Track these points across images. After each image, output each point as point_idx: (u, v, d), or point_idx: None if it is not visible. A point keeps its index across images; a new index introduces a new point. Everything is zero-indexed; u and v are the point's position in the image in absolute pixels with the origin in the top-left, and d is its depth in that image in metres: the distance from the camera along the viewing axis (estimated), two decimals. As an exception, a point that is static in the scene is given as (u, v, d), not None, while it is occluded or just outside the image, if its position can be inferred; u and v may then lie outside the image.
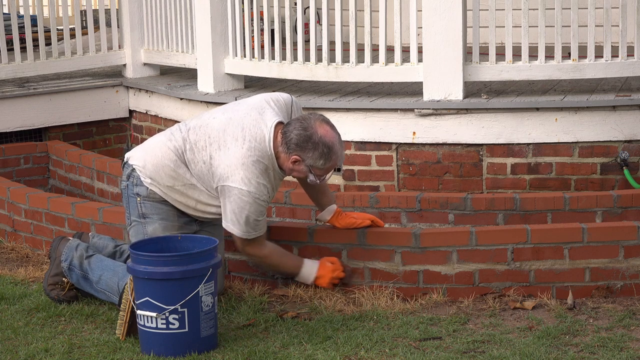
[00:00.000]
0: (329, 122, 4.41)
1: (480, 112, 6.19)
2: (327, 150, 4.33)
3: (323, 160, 4.34)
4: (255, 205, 4.33)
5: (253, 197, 4.31)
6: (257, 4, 6.92)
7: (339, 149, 4.38)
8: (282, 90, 7.06)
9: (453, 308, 4.55)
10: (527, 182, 6.18)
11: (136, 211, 4.54)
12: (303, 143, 4.32)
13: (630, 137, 6.06)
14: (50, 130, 7.74)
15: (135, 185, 4.54)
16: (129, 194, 4.56)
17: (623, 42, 6.15)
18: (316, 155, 4.32)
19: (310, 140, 4.31)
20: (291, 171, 4.44)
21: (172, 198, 4.52)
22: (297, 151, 4.33)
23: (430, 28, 6.21)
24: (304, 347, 4.11)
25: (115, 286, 4.50)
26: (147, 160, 4.53)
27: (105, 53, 8.29)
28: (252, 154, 4.32)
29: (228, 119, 4.44)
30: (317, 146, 4.31)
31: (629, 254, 4.58)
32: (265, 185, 4.34)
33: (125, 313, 4.23)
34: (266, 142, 4.36)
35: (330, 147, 4.33)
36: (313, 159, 4.34)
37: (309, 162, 4.35)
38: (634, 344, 4.06)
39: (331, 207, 4.80)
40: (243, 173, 4.30)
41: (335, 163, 4.40)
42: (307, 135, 4.31)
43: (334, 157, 4.36)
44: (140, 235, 4.52)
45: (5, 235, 5.97)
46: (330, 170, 4.44)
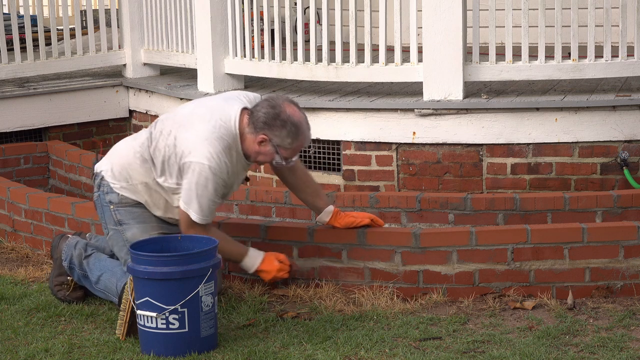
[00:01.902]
0: (296, 103, 4.40)
1: (480, 112, 6.19)
2: (295, 129, 4.29)
3: (290, 138, 4.30)
4: (213, 183, 4.27)
5: (213, 173, 4.25)
6: (257, 4, 6.92)
7: (306, 128, 4.35)
8: (282, 91, 7.08)
9: (453, 308, 4.54)
10: (527, 182, 6.19)
11: (111, 219, 4.52)
12: (271, 121, 4.28)
13: (630, 137, 6.06)
14: (50, 130, 7.75)
15: (106, 194, 4.53)
16: (102, 204, 4.55)
17: (623, 42, 6.15)
18: (284, 133, 4.28)
19: (279, 117, 4.28)
20: (257, 154, 4.36)
21: (143, 199, 4.49)
22: (264, 129, 4.29)
23: (430, 28, 6.21)
24: (304, 347, 4.11)
25: (113, 287, 4.50)
26: (113, 163, 4.54)
27: (105, 53, 8.29)
28: (216, 130, 4.30)
29: (195, 106, 4.48)
30: (285, 124, 4.28)
31: (629, 254, 4.57)
32: (227, 163, 4.29)
33: (125, 313, 4.23)
34: (232, 122, 4.33)
35: (297, 125, 4.30)
36: (281, 138, 4.29)
37: (276, 141, 4.30)
38: (634, 344, 4.06)
39: (328, 208, 4.77)
40: (205, 148, 4.26)
41: (302, 143, 4.35)
42: (275, 113, 4.29)
43: (301, 137, 4.32)
44: (121, 242, 4.50)
45: (5, 235, 5.97)
46: (297, 151, 4.39)
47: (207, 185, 4.28)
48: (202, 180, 4.27)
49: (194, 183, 4.28)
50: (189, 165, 4.29)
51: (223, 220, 5.03)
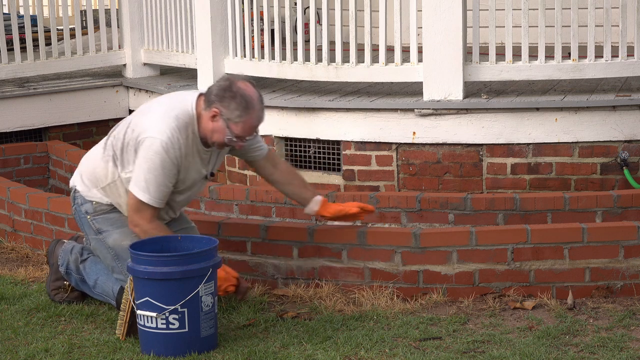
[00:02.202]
0: (252, 82, 4.35)
1: (480, 112, 6.19)
2: (245, 102, 4.22)
3: (239, 111, 4.22)
4: (162, 159, 4.20)
5: (163, 148, 4.19)
6: (257, 4, 6.92)
7: (257, 104, 4.26)
8: (282, 90, 7.08)
9: (453, 308, 4.54)
10: (527, 182, 6.19)
11: (91, 229, 4.51)
12: (221, 92, 4.24)
13: (630, 137, 6.06)
14: (50, 130, 7.75)
15: (80, 205, 4.52)
16: (79, 216, 4.54)
17: (623, 42, 6.15)
18: (233, 105, 4.22)
19: (230, 89, 4.24)
20: (212, 133, 4.29)
21: (115, 201, 4.47)
22: (216, 102, 4.24)
23: (430, 28, 6.21)
24: (304, 347, 4.11)
25: (110, 290, 4.51)
26: (82, 172, 4.54)
27: (105, 53, 8.29)
28: (172, 110, 4.28)
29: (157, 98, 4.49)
30: (235, 96, 4.22)
31: (629, 254, 4.57)
32: (179, 140, 4.23)
33: (125, 313, 4.23)
34: (188, 103, 4.31)
35: (248, 99, 4.23)
36: (230, 110, 4.22)
37: (226, 115, 4.23)
38: (634, 344, 4.06)
39: (317, 197, 4.73)
40: (160, 125, 4.23)
41: (252, 120, 4.26)
42: (226, 85, 4.26)
43: (251, 111, 4.24)
44: (104, 250, 4.49)
45: (5, 235, 5.97)
46: (249, 129, 4.28)
47: (155, 161, 4.21)
48: (151, 155, 4.21)
49: (143, 158, 4.23)
50: (142, 142, 4.24)
51: (223, 220, 5.04)
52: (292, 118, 6.62)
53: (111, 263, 4.48)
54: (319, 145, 6.64)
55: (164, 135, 4.21)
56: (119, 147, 4.37)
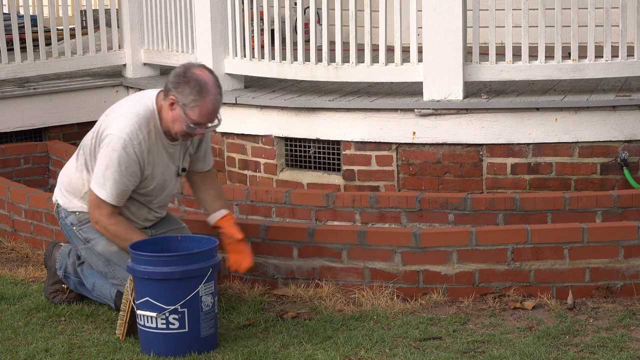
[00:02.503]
0: (209, 69, 4.34)
1: (480, 112, 6.19)
2: (199, 87, 4.20)
3: (193, 96, 4.20)
4: (120, 155, 4.20)
5: (122, 144, 4.20)
6: (257, 4, 6.92)
7: (212, 88, 4.23)
8: (282, 90, 7.08)
9: (453, 308, 4.55)
10: (527, 182, 6.18)
11: (79, 240, 4.51)
12: (176, 78, 4.25)
13: (630, 137, 6.06)
14: (50, 130, 7.74)
15: (65, 218, 4.53)
16: (66, 229, 4.55)
17: (623, 42, 6.15)
18: (187, 90, 4.20)
19: (184, 75, 4.24)
20: (173, 123, 4.27)
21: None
22: (172, 90, 4.24)
23: (430, 28, 6.21)
24: (304, 347, 4.11)
25: (107, 293, 4.51)
26: (61, 184, 4.56)
27: (105, 53, 8.29)
28: (132, 108, 4.30)
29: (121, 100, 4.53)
30: (188, 81, 4.21)
31: (629, 254, 4.57)
32: (138, 135, 4.23)
33: (125, 313, 4.23)
34: (149, 100, 4.33)
35: (202, 84, 4.21)
36: (184, 96, 4.21)
37: (182, 101, 4.22)
38: (634, 344, 4.06)
39: (222, 210, 4.60)
40: (120, 122, 4.25)
41: (207, 104, 4.22)
42: (180, 71, 4.27)
43: (205, 95, 4.21)
44: (95, 258, 4.48)
45: (5, 235, 5.97)
46: (206, 115, 4.23)
47: (113, 157, 4.22)
48: (109, 152, 4.22)
49: (102, 156, 4.25)
50: (102, 140, 4.27)
51: (223, 220, 5.03)
52: (292, 118, 6.62)
53: (104, 269, 4.47)
54: (319, 145, 6.64)
55: (123, 132, 4.22)
56: (88, 153, 4.40)
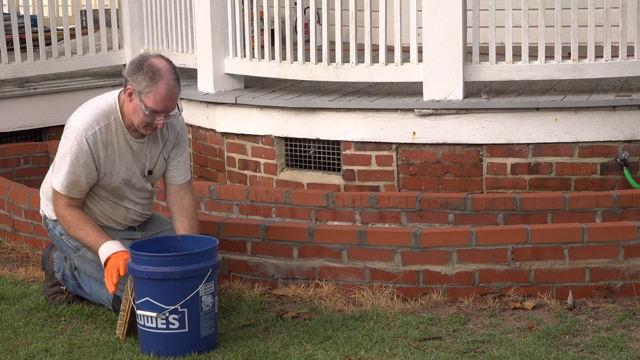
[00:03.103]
0: (168, 59, 4.31)
1: (480, 112, 6.19)
2: (152, 73, 4.18)
3: (146, 82, 4.17)
4: (74, 146, 4.22)
5: (77, 135, 4.22)
6: (257, 4, 6.92)
7: (166, 74, 4.19)
8: (282, 90, 7.08)
9: (453, 308, 4.55)
10: (527, 182, 6.18)
11: (69, 249, 4.51)
12: (132, 67, 4.25)
13: (630, 137, 6.06)
14: (50, 130, 7.75)
15: (54, 228, 4.54)
16: (56, 239, 4.56)
17: (623, 42, 6.15)
18: (141, 77, 4.18)
19: (139, 63, 4.23)
20: (134, 115, 4.25)
21: None
22: (128, 80, 4.24)
23: (430, 28, 6.21)
24: (304, 347, 4.11)
25: (105, 297, 4.50)
26: (44, 197, 4.57)
27: (105, 53, 8.29)
28: (94, 102, 4.35)
29: None
30: (142, 68, 4.20)
31: (629, 254, 4.58)
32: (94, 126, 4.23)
33: (125, 313, 4.23)
34: (111, 96, 4.35)
35: (155, 69, 4.18)
36: (138, 83, 4.19)
37: (137, 88, 4.20)
38: (634, 344, 4.06)
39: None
40: (80, 115, 4.30)
41: (161, 90, 4.17)
42: (136, 60, 4.27)
43: (159, 80, 4.17)
44: (87, 264, 4.48)
45: (5, 235, 5.97)
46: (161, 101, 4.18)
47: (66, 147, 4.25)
48: (65, 142, 4.27)
49: (60, 147, 4.30)
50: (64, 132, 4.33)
51: (223, 220, 5.04)
52: (292, 118, 6.62)
53: (97, 275, 4.46)
54: (319, 145, 6.64)
55: (79, 124, 4.26)
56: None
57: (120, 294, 4.30)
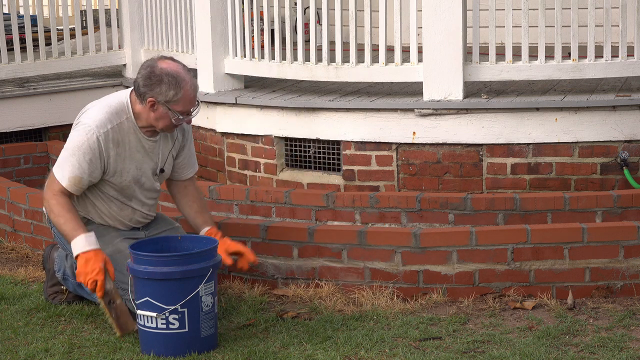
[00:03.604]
0: (171, 57, 4.34)
1: (480, 112, 6.19)
2: (173, 80, 4.20)
3: (173, 90, 4.20)
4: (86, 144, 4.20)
5: (87, 131, 4.20)
6: (257, 4, 6.92)
7: (186, 75, 4.24)
8: (282, 90, 7.08)
9: (453, 308, 4.55)
10: (527, 182, 6.19)
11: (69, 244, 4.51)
12: (147, 81, 4.23)
13: (630, 137, 6.06)
14: (50, 130, 7.75)
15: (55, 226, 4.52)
16: (58, 236, 4.54)
17: (623, 42, 6.15)
18: (164, 88, 4.20)
19: (153, 74, 4.22)
20: (157, 121, 4.28)
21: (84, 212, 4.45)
22: (147, 93, 4.23)
23: (430, 28, 6.21)
24: (304, 347, 4.11)
25: None
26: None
27: (105, 53, 8.29)
28: (106, 100, 4.33)
29: None
30: (161, 79, 4.20)
31: (629, 254, 4.58)
32: (106, 124, 4.23)
33: (107, 313, 4.21)
34: (122, 95, 4.33)
35: (174, 75, 4.21)
36: (164, 93, 4.21)
37: (162, 99, 4.21)
38: (634, 344, 4.06)
39: (205, 228, 4.56)
40: (92, 112, 4.27)
41: (188, 91, 4.23)
42: (148, 72, 4.24)
43: (183, 84, 4.21)
44: None
45: (5, 235, 5.97)
46: (190, 102, 4.26)
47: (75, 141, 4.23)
48: (75, 136, 4.25)
49: (69, 140, 4.27)
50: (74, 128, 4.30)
51: (223, 220, 5.04)
52: (292, 118, 6.62)
53: None
54: (319, 145, 6.64)
55: (91, 120, 4.24)
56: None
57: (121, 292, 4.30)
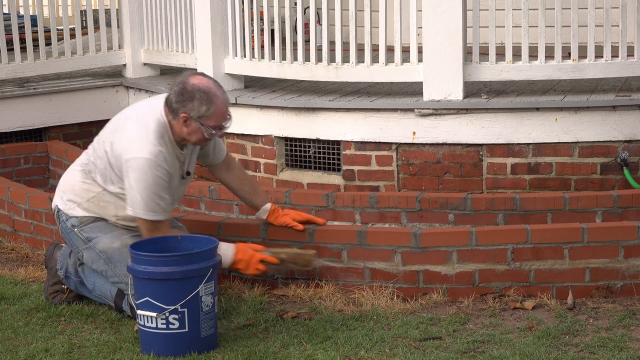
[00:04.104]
0: (202, 73, 4.42)
1: (480, 112, 6.19)
2: (205, 95, 4.26)
3: (205, 106, 4.26)
4: (154, 175, 4.23)
5: (150, 165, 4.22)
6: (257, 4, 6.92)
7: (217, 91, 4.30)
8: (282, 90, 7.08)
9: (453, 308, 4.55)
10: (527, 182, 6.19)
11: (80, 240, 4.52)
12: (180, 97, 4.27)
13: (630, 137, 6.06)
14: (50, 130, 7.75)
15: (66, 221, 4.55)
16: (66, 231, 4.56)
17: (623, 42, 6.15)
18: (196, 103, 4.25)
19: (185, 91, 4.27)
20: (190, 135, 4.32)
21: (101, 214, 4.49)
22: (180, 109, 4.27)
23: (430, 28, 6.21)
24: (304, 347, 4.11)
25: (108, 292, 4.52)
26: (62, 192, 4.58)
27: (105, 53, 8.29)
28: (146, 124, 4.31)
29: (124, 110, 4.53)
30: (193, 94, 4.26)
31: (629, 254, 4.57)
32: (162, 151, 4.26)
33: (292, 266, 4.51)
34: (158, 113, 4.34)
35: (206, 91, 4.27)
36: (196, 109, 4.26)
37: (195, 114, 4.26)
38: (634, 344, 4.06)
39: (266, 206, 4.78)
40: (139, 143, 4.26)
41: (220, 107, 4.29)
42: (180, 88, 4.29)
43: (215, 100, 4.27)
44: (96, 257, 4.49)
45: (5, 235, 5.97)
46: (222, 116, 4.32)
47: (148, 179, 4.24)
48: (141, 175, 4.23)
49: (135, 180, 4.25)
50: (127, 164, 4.27)
51: (223, 220, 5.04)
52: (292, 118, 6.62)
53: (104, 267, 4.48)
54: (319, 145, 6.64)
55: (147, 153, 4.23)
56: (100, 167, 4.42)
57: (124, 287, 4.33)
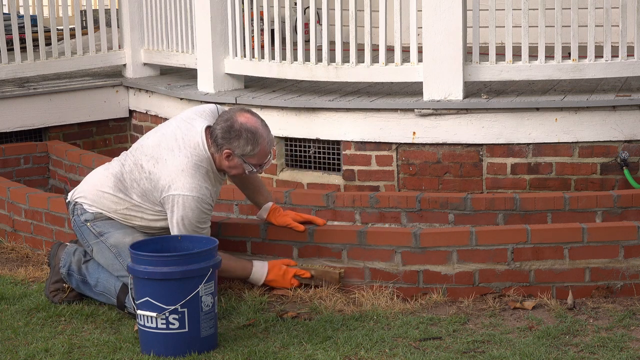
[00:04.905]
0: (249, 110, 4.49)
1: (480, 112, 6.19)
2: (252, 135, 4.37)
3: (250, 145, 4.38)
4: (198, 211, 4.35)
5: (196, 202, 4.33)
6: (257, 4, 6.92)
7: (263, 131, 4.41)
8: (282, 90, 7.08)
9: (453, 308, 4.55)
10: (527, 182, 6.19)
11: (91, 235, 4.55)
12: (226, 134, 4.37)
13: (630, 137, 6.06)
14: (50, 130, 7.75)
15: (80, 215, 4.57)
16: (79, 225, 4.59)
17: (623, 42, 6.15)
18: (242, 142, 4.36)
19: (233, 129, 4.36)
20: (230, 169, 4.46)
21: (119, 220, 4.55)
22: (224, 145, 4.38)
23: (430, 28, 6.21)
24: (304, 347, 4.11)
25: (112, 288, 4.53)
26: (87, 191, 4.60)
27: (105, 53, 8.29)
28: (189, 160, 4.37)
29: (161, 135, 4.52)
30: (240, 134, 4.36)
31: (629, 254, 4.57)
32: (208, 188, 4.38)
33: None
34: (201, 146, 4.42)
35: (253, 131, 4.37)
36: (241, 148, 4.37)
37: (239, 152, 4.39)
38: (634, 344, 4.06)
39: (267, 205, 4.85)
40: (184, 180, 4.34)
41: (265, 147, 4.41)
42: (228, 125, 4.37)
43: (261, 141, 4.39)
44: (106, 251, 4.52)
45: (5, 235, 5.97)
46: (265, 155, 4.45)
47: (196, 215, 4.35)
48: (189, 212, 4.34)
49: (181, 217, 4.35)
50: (172, 199, 4.35)
51: (223, 220, 5.04)
52: (292, 118, 6.62)
53: (113, 262, 4.50)
54: (319, 145, 6.64)
55: (194, 192, 4.33)
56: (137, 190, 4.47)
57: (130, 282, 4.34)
